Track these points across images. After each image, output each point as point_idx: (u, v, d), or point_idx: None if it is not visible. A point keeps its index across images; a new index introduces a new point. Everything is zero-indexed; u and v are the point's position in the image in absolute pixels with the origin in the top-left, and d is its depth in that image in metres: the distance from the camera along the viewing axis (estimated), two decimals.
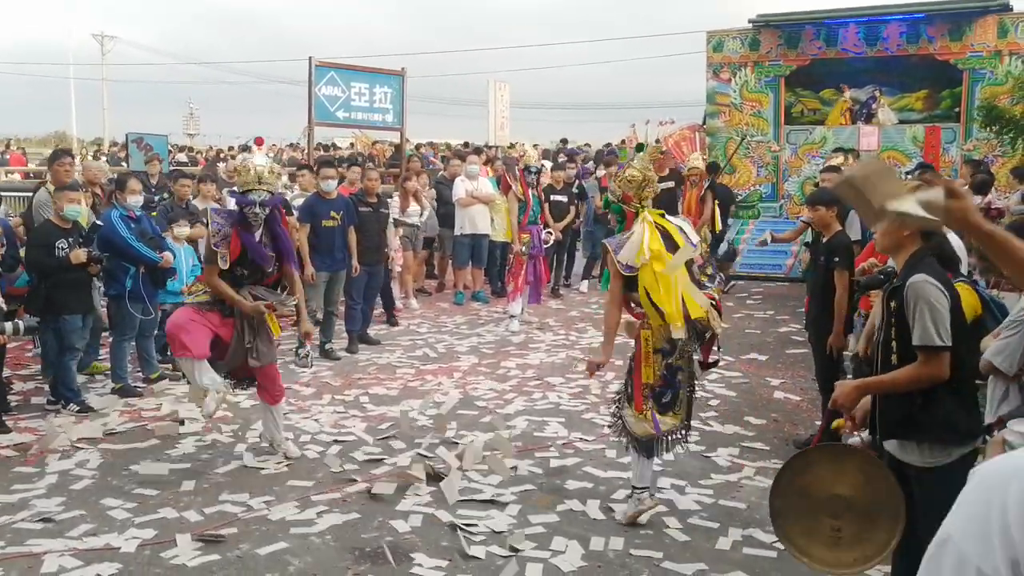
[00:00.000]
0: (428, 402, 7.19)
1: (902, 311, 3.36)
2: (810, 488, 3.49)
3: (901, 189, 2.88)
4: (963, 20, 13.88)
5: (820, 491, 3.46)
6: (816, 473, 3.50)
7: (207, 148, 34.13)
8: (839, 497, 3.43)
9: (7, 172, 19.95)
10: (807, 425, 6.74)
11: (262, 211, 5.78)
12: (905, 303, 3.33)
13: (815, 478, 3.49)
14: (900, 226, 3.26)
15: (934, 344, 3.25)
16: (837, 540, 3.43)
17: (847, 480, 3.42)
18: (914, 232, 3.40)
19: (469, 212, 11.92)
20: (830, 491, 3.45)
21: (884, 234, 3.51)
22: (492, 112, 27.77)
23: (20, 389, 7.76)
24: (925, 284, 3.29)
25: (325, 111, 12.22)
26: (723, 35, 15.53)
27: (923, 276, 3.31)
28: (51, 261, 6.98)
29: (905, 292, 3.33)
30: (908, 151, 14.31)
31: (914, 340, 3.29)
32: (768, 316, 11.18)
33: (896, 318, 3.41)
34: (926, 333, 3.26)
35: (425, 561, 4.53)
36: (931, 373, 3.29)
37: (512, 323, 10.21)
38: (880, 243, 3.64)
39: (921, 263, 3.38)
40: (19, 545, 4.69)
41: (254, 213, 5.77)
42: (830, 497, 3.45)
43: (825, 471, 3.48)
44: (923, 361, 3.30)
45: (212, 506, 5.23)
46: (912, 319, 3.30)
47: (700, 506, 5.27)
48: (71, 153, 10.56)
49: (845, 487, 3.42)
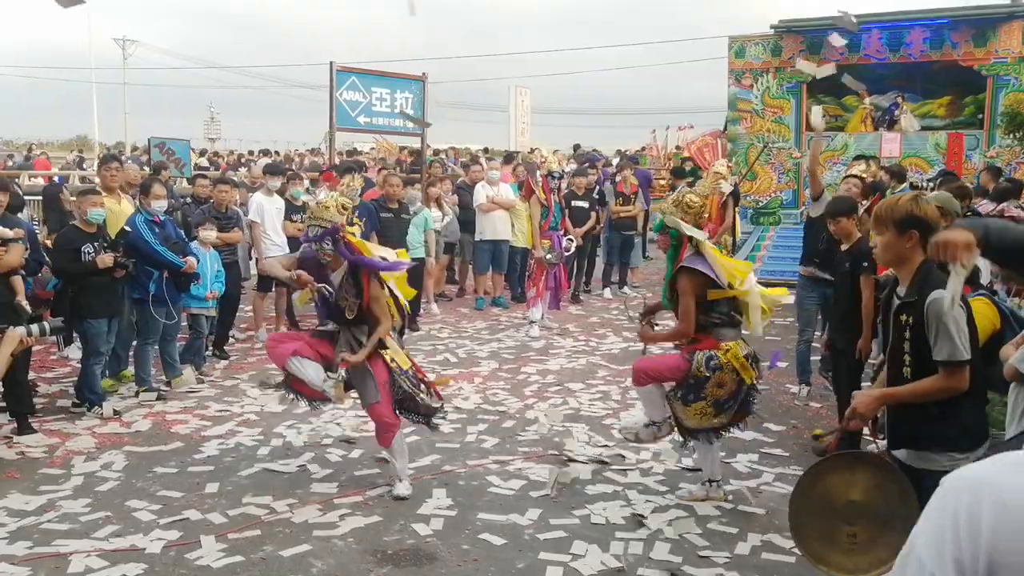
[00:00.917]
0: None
1: (919, 327, 3.37)
2: (827, 495, 3.50)
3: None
4: (987, 26, 13.80)
5: (836, 498, 3.47)
6: (832, 480, 3.51)
7: (228, 152, 34.38)
8: (853, 503, 3.44)
9: (31, 176, 20.14)
10: (827, 431, 6.72)
11: (319, 246, 5.38)
12: (926, 321, 3.34)
13: (831, 485, 3.50)
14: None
15: (958, 359, 3.28)
16: (853, 546, 3.44)
17: (861, 486, 3.43)
18: (915, 240, 3.40)
19: (490, 218, 11.97)
20: (845, 497, 3.46)
21: (885, 248, 3.51)
22: (513, 117, 27.83)
23: (45, 392, 7.86)
24: (946, 300, 3.28)
25: (346, 116, 12.30)
26: (745, 40, 15.50)
27: (943, 293, 3.30)
28: (77, 266, 7.06)
29: (926, 310, 3.33)
30: (930, 158, 14.24)
31: (938, 356, 3.31)
32: (788, 323, 11.13)
33: (912, 333, 3.41)
34: (954, 350, 3.28)
35: (447, 563, 4.56)
36: (953, 386, 3.32)
37: (532, 329, 10.23)
38: (882, 257, 3.62)
39: (933, 276, 3.38)
40: (46, 545, 4.76)
41: (315, 249, 5.42)
42: (845, 504, 3.46)
43: (840, 478, 3.50)
44: (946, 375, 3.32)
45: (236, 508, 5.28)
46: (935, 337, 3.31)
47: (719, 511, 5.28)
48: (118, 159, 10.68)
49: (859, 493, 3.43)
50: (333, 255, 5.38)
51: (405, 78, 13.47)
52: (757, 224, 15.18)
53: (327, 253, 5.37)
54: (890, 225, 3.44)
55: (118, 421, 7.01)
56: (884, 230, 3.48)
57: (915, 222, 3.40)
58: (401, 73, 13.81)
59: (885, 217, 3.46)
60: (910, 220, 3.40)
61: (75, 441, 6.49)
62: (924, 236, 3.40)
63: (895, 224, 3.42)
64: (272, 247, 9.92)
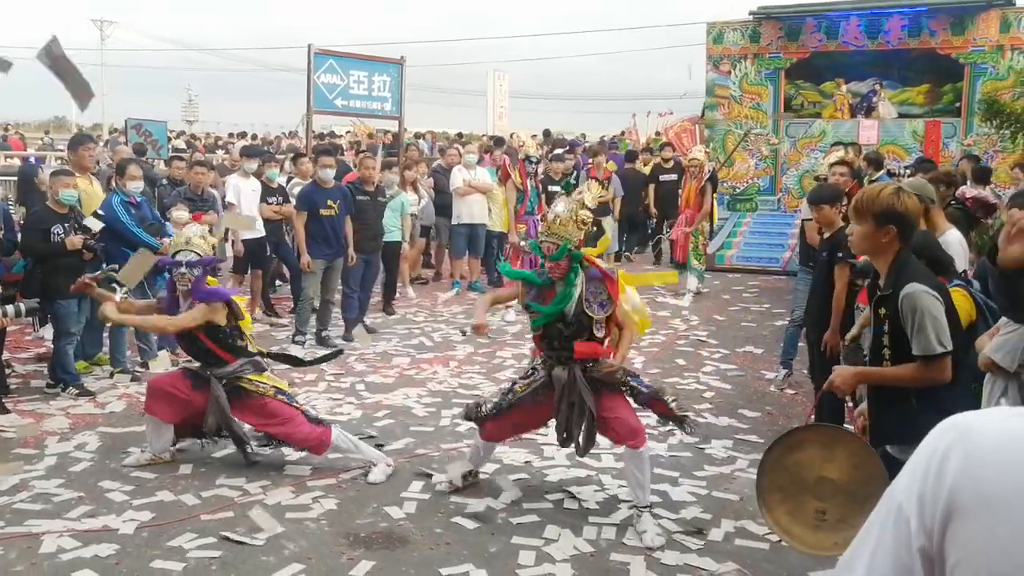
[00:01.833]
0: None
1: (895, 319, 3.37)
2: (799, 467, 3.50)
3: None
4: (965, 14, 13.85)
5: (809, 472, 3.48)
6: (807, 453, 3.52)
7: (205, 135, 34.10)
8: (827, 480, 3.45)
9: (7, 156, 19.91)
10: (801, 419, 6.77)
11: (188, 270, 5.60)
12: (901, 314, 3.33)
13: (805, 458, 3.51)
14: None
15: (935, 353, 3.28)
16: (821, 522, 3.45)
17: (837, 464, 3.44)
18: (893, 234, 3.39)
19: (467, 201, 11.92)
20: (819, 473, 3.47)
21: (862, 238, 3.49)
22: (491, 102, 27.69)
23: (20, 372, 7.80)
24: (921, 294, 3.30)
25: (324, 99, 12.21)
26: (723, 26, 15.49)
27: (917, 286, 3.31)
28: (46, 247, 7.01)
29: (900, 303, 3.33)
30: (908, 145, 14.33)
31: (915, 351, 3.32)
32: (764, 309, 11.22)
33: (890, 326, 3.41)
34: (928, 344, 3.28)
35: (420, 547, 4.58)
36: (931, 377, 3.33)
37: (508, 313, 10.24)
38: (858, 246, 3.60)
39: (909, 268, 3.39)
40: (18, 525, 4.74)
41: (179, 274, 5.62)
42: (818, 479, 3.47)
43: (815, 452, 3.50)
44: (924, 366, 3.32)
45: (209, 490, 5.27)
46: (911, 330, 3.31)
47: (694, 497, 5.31)
48: (92, 138, 10.57)
49: (835, 471, 3.44)
50: (194, 279, 5.56)
51: (383, 61, 13.38)
52: (734, 210, 15.23)
53: (189, 277, 5.55)
54: (869, 217, 3.42)
55: (92, 402, 6.98)
56: (863, 221, 3.46)
57: (895, 216, 3.38)
58: (379, 56, 13.72)
59: (865, 208, 3.44)
60: (890, 214, 3.38)
61: (49, 421, 6.46)
62: (902, 230, 3.40)
63: (874, 216, 3.40)
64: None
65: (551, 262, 4.83)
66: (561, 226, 4.82)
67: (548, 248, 4.82)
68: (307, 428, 5.49)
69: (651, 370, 8.02)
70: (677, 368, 8.29)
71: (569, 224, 4.82)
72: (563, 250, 4.79)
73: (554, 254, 4.80)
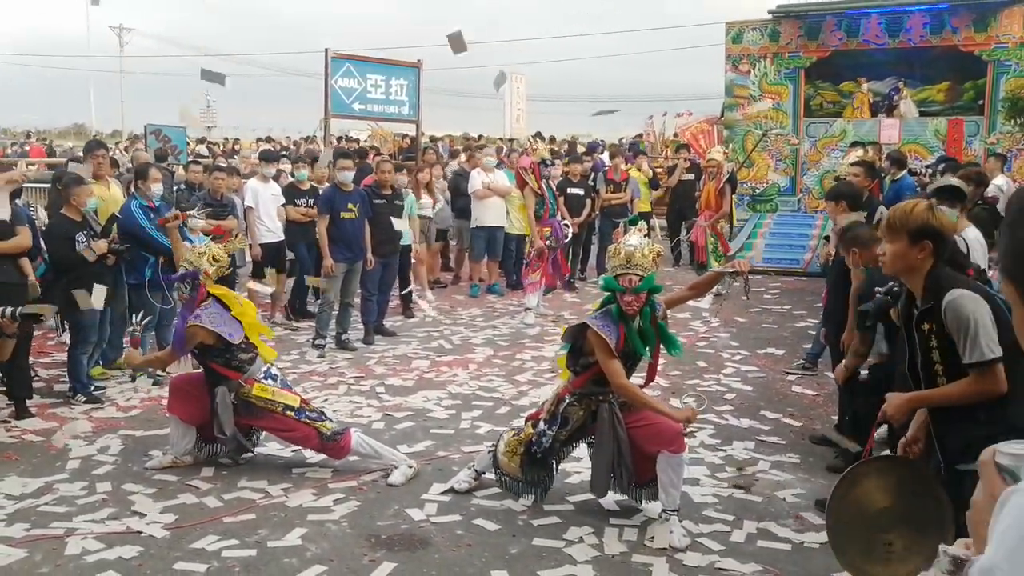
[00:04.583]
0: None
1: (943, 333, 3.26)
2: (861, 502, 3.41)
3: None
4: (988, 11, 13.70)
5: (871, 505, 3.40)
6: (866, 486, 3.43)
7: (223, 140, 34.25)
8: (888, 510, 3.37)
9: (28, 164, 20.07)
10: (823, 420, 6.73)
11: (179, 285, 5.77)
12: (946, 323, 3.23)
13: (866, 491, 3.42)
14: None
15: (986, 359, 3.17)
16: (890, 554, 3.36)
17: (895, 492, 3.36)
18: (929, 250, 3.30)
19: (485, 204, 11.93)
20: (880, 504, 3.39)
21: (896, 257, 3.37)
22: (508, 105, 27.71)
23: (43, 376, 7.86)
24: (962, 298, 3.20)
25: (341, 103, 12.22)
26: (742, 26, 15.40)
27: (957, 291, 3.22)
28: (76, 256, 7.04)
29: (944, 312, 3.23)
30: (930, 144, 14.19)
31: (966, 359, 3.20)
32: (785, 311, 11.15)
33: (938, 340, 3.30)
34: (976, 349, 3.17)
35: (441, 548, 4.57)
36: (986, 388, 3.20)
37: (527, 316, 10.22)
38: (891, 266, 3.44)
39: (944, 277, 3.30)
40: (43, 527, 4.79)
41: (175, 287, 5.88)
42: (879, 511, 3.39)
43: (873, 485, 3.42)
44: (977, 378, 3.21)
45: (231, 492, 5.29)
46: (959, 337, 3.20)
47: (716, 499, 5.28)
48: (105, 145, 10.63)
49: (894, 499, 3.37)
50: (188, 298, 5.66)
51: (400, 65, 13.38)
52: (754, 211, 15.14)
53: (183, 295, 5.70)
54: (903, 234, 3.32)
55: (115, 406, 7.03)
56: (896, 238, 3.35)
57: (931, 232, 3.29)
58: (396, 60, 13.73)
59: (899, 226, 3.33)
60: (926, 230, 3.29)
61: (72, 425, 6.50)
62: (938, 246, 3.31)
63: (909, 234, 3.30)
64: (266, 233, 9.92)
65: (632, 295, 4.70)
66: (643, 258, 4.72)
67: (631, 281, 4.69)
68: (318, 445, 5.57)
69: (671, 372, 7.99)
70: (698, 370, 8.25)
71: (650, 256, 4.76)
72: (648, 282, 4.73)
73: (638, 287, 4.69)
